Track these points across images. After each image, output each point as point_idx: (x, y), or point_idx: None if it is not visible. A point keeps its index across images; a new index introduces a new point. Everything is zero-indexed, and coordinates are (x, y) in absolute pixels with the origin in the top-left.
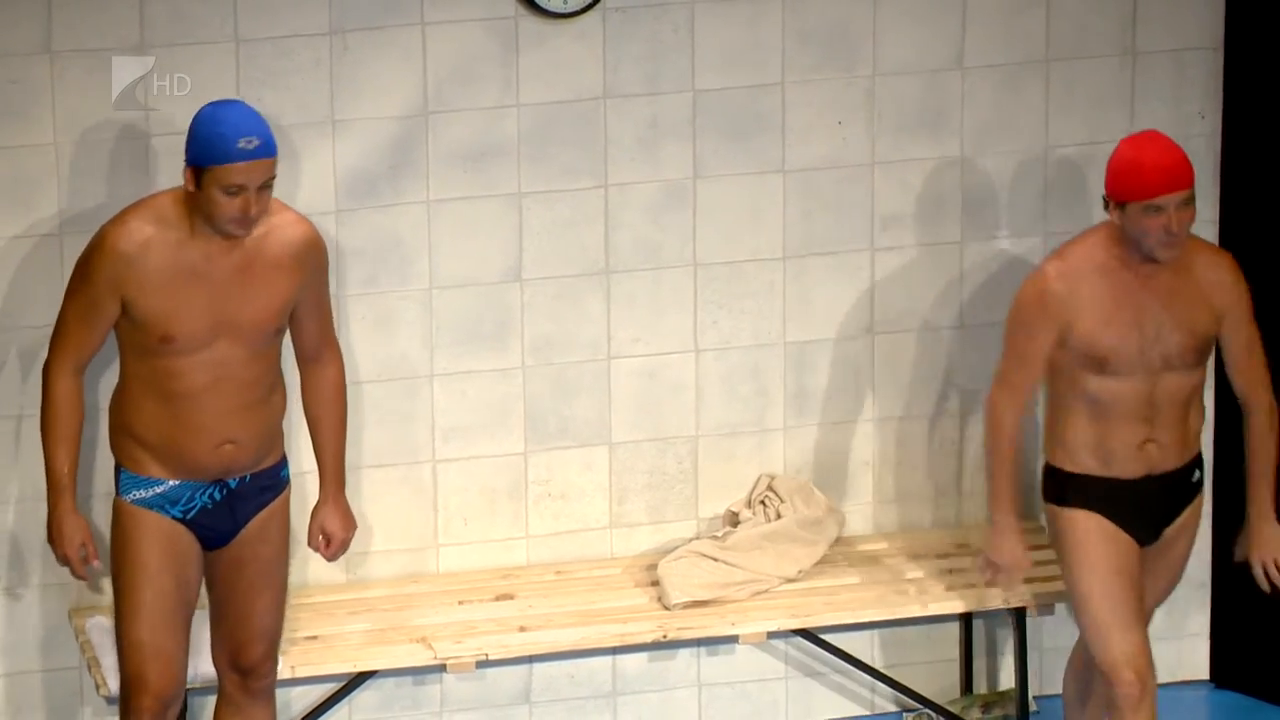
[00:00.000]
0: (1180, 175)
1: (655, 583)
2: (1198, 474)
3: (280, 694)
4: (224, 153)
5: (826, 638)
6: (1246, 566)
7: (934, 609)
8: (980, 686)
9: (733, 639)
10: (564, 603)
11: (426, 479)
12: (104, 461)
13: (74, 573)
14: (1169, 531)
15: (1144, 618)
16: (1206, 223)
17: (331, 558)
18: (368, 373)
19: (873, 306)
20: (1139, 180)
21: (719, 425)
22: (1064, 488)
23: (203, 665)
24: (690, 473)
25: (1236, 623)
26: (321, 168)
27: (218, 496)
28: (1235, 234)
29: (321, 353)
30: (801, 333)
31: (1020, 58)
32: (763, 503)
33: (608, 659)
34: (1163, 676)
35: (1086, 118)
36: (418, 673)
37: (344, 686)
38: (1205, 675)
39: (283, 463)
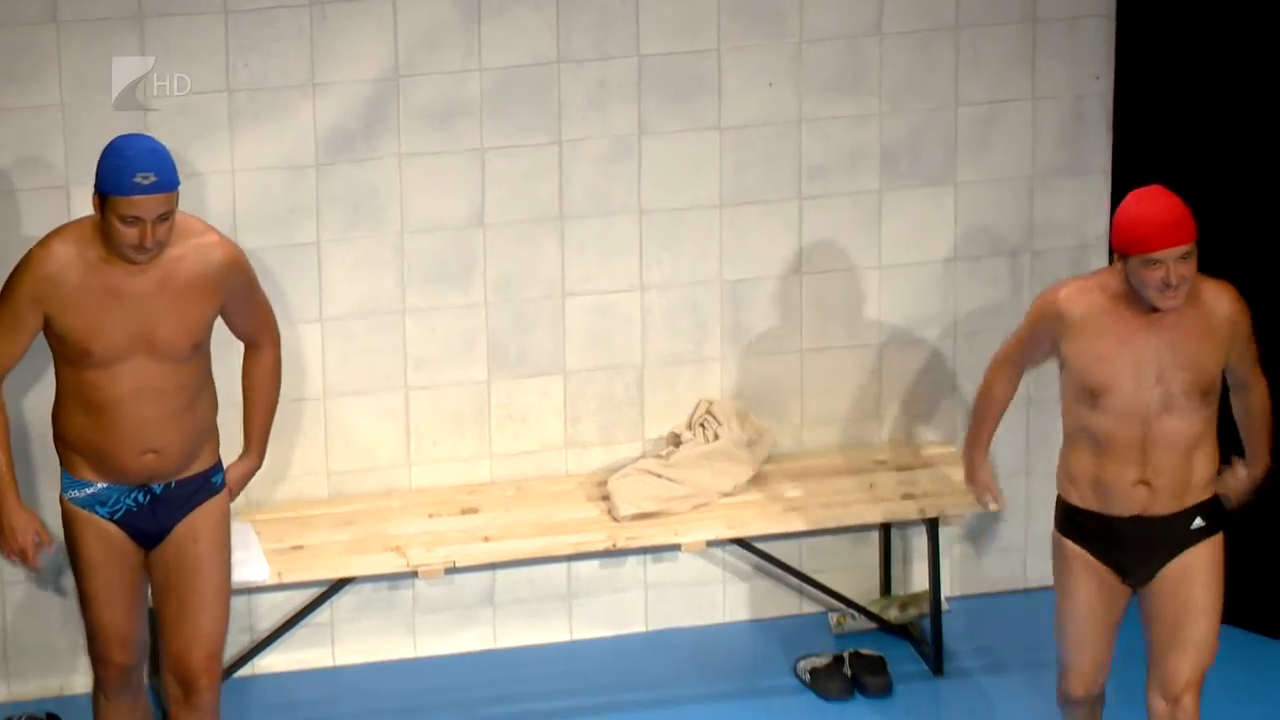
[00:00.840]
0: (1178, 232)
1: (606, 497)
2: (1199, 521)
3: (267, 599)
4: (120, 185)
5: (760, 546)
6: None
7: (856, 519)
8: (898, 588)
9: (675, 547)
10: (524, 515)
11: (399, 404)
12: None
13: (28, 566)
14: (1169, 572)
15: (1107, 643)
16: (1098, 172)
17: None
18: (346, 309)
19: (800, 249)
20: (1138, 235)
21: (662, 355)
22: (1065, 519)
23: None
24: (637, 398)
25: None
26: (303, 126)
27: (142, 500)
28: (1124, 182)
29: (258, 340)
30: (736, 273)
31: (932, 25)
32: (702, 425)
33: (563, 566)
34: None
35: (991, 79)
36: (392, 579)
37: (325, 591)
38: None
39: (214, 469)
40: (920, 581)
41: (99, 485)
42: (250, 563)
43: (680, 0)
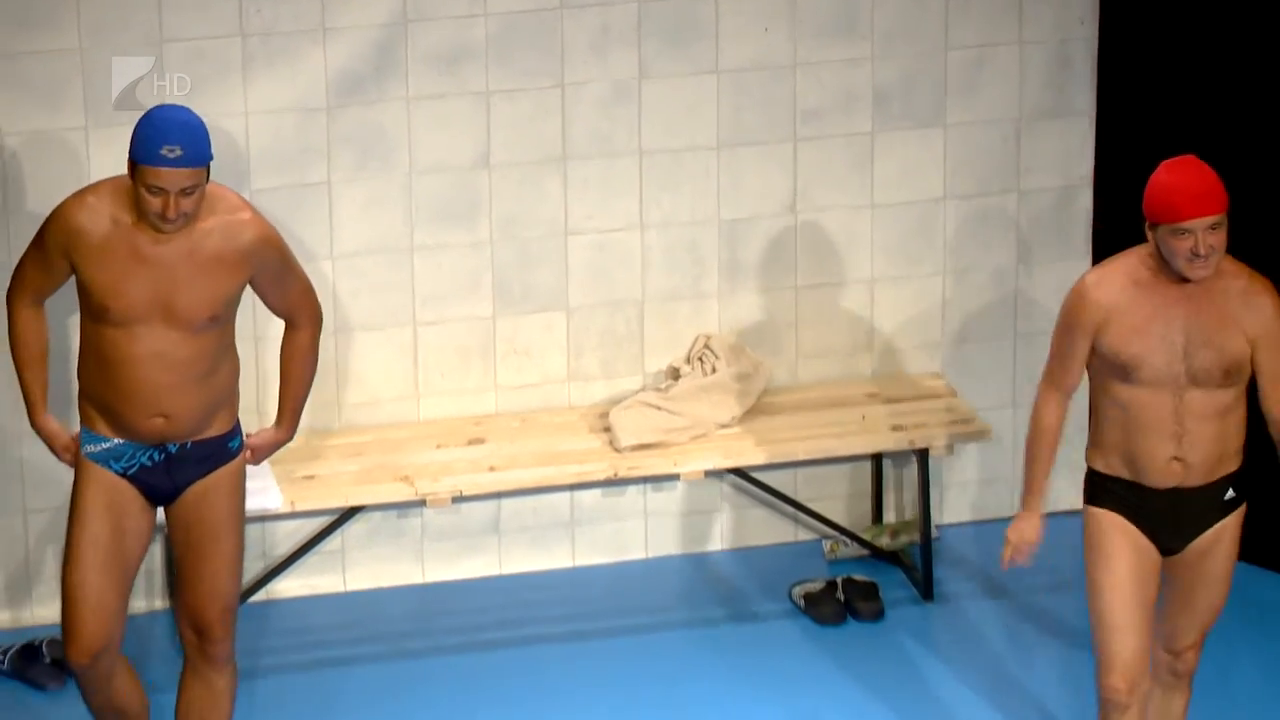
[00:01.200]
0: (1208, 201)
1: (607, 428)
2: (1231, 492)
3: (280, 526)
4: (147, 155)
5: (756, 475)
6: None
7: (848, 450)
8: (889, 517)
9: (674, 477)
10: (528, 446)
11: (408, 339)
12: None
13: (61, 456)
14: (1198, 544)
15: (1148, 624)
16: (1082, 114)
17: (252, 462)
18: (356, 247)
19: (795, 189)
20: (1168, 204)
21: (662, 292)
22: (1096, 488)
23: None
24: (637, 333)
25: None
26: (314, 70)
27: (157, 458)
28: (1108, 124)
29: (294, 318)
30: (733, 212)
31: None
32: (700, 359)
33: (566, 495)
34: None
35: (980, 23)
36: (401, 507)
37: (337, 520)
38: (1083, 506)
39: (232, 434)
40: (910, 510)
41: (115, 441)
42: (265, 492)
43: None
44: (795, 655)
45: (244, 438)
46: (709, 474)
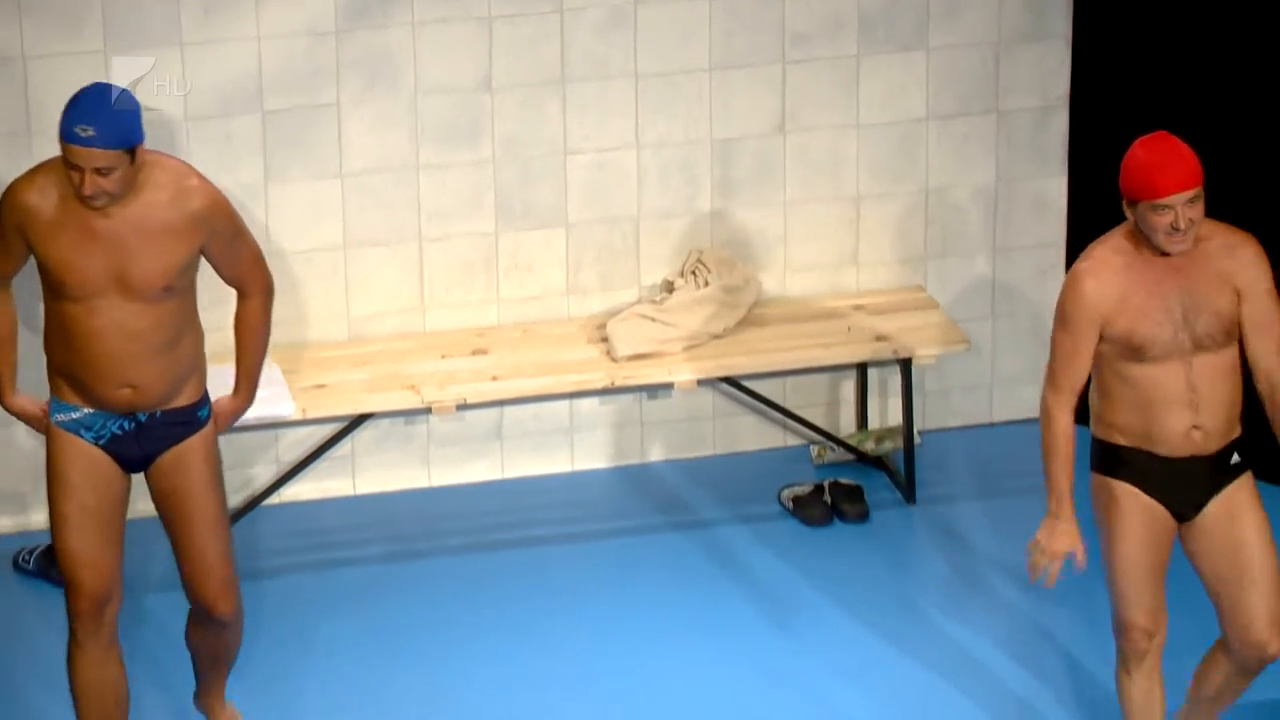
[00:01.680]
0: (1185, 176)
1: (604, 339)
2: (1235, 457)
3: (292, 433)
4: (64, 131)
5: (747, 384)
6: None
7: (834, 359)
8: (874, 423)
9: (668, 385)
10: (529, 356)
11: (414, 254)
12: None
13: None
14: (1213, 511)
15: (1161, 585)
16: (1059, 37)
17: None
18: (366, 165)
19: (784, 110)
20: (1146, 181)
21: (657, 208)
22: (1108, 458)
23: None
24: (633, 248)
25: None
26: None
27: (128, 426)
28: (1084, 46)
29: (244, 286)
30: (724, 132)
31: None
32: (693, 273)
33: (565, 402)
34: (1019, 414)
35: None
36: (408, 414)
37: (346, 426)
38: None
39: (201, 403)
40: (894, 416)
41: (85, 410)
42: (277, 399)
43: None
44: (784, 555)
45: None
46: (702, 382)
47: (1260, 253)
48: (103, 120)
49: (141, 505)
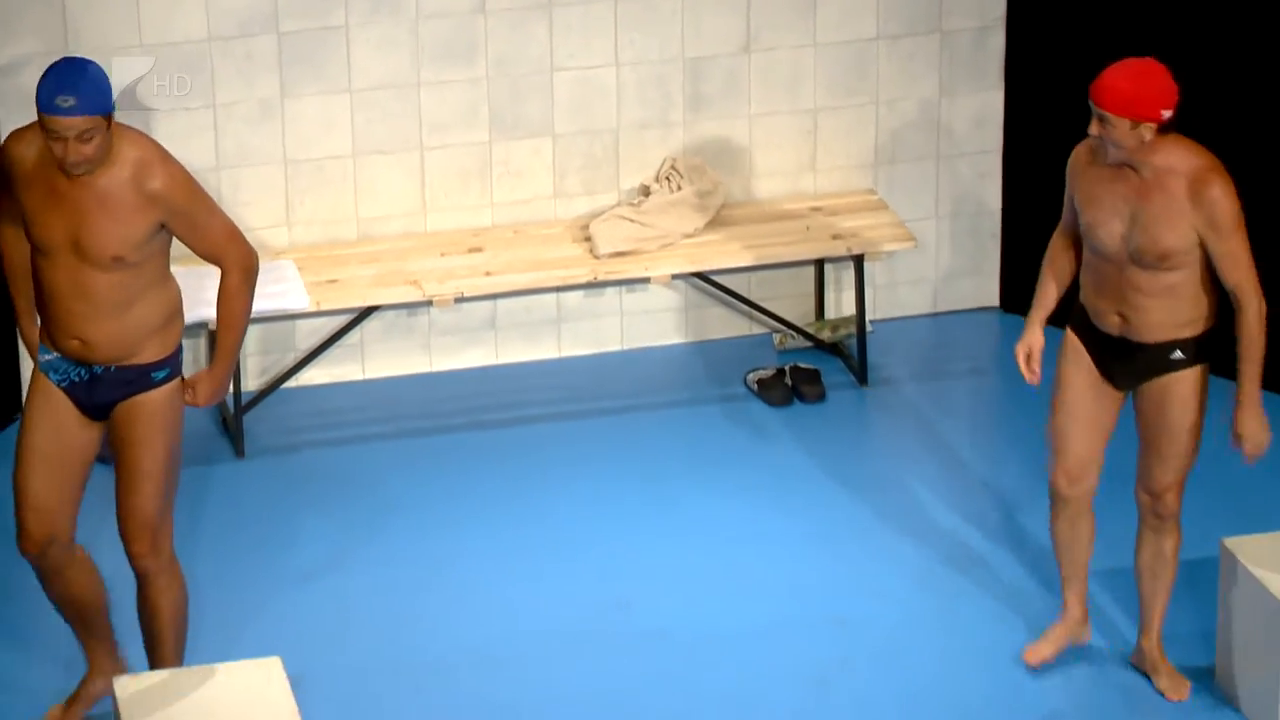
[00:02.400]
0: (1103, 95)
1: (588, 239)
2: (1178, 354)
3: (306, 324)
4: (45, 103)
5: (715, 278)
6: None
7: (794, 256)
8: (830, 313)
9: (645, 280)
10: (520, 254)
11: (416, 162)
12: None
13: None
14: (1150, 394)
15: (1094, 437)
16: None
17: (195, 403)
18: (372, 82)
19: (748, 31)
20: (1093, 84)
21: (634, 120)
22: (1076, 314)
23: None
24: (613, 156)
25: (1023, 256)
26: None
27: (84, 375)
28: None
29: (219, 262)
30: (695, 51)
31: None
32: (667, 178)
33: (553, 296)
34: (960, 304)
35: None
36: (411, 307)
37: (355, 318)
38: (996, 303)
39: (159, 365)
40: (848, 307)
41: (54, 354)
42: (292, 294)
43: None
44: (750, 432)
45: (181, 375)
46: (675, 277)
47: (1225, 190)
48: (82, 89)
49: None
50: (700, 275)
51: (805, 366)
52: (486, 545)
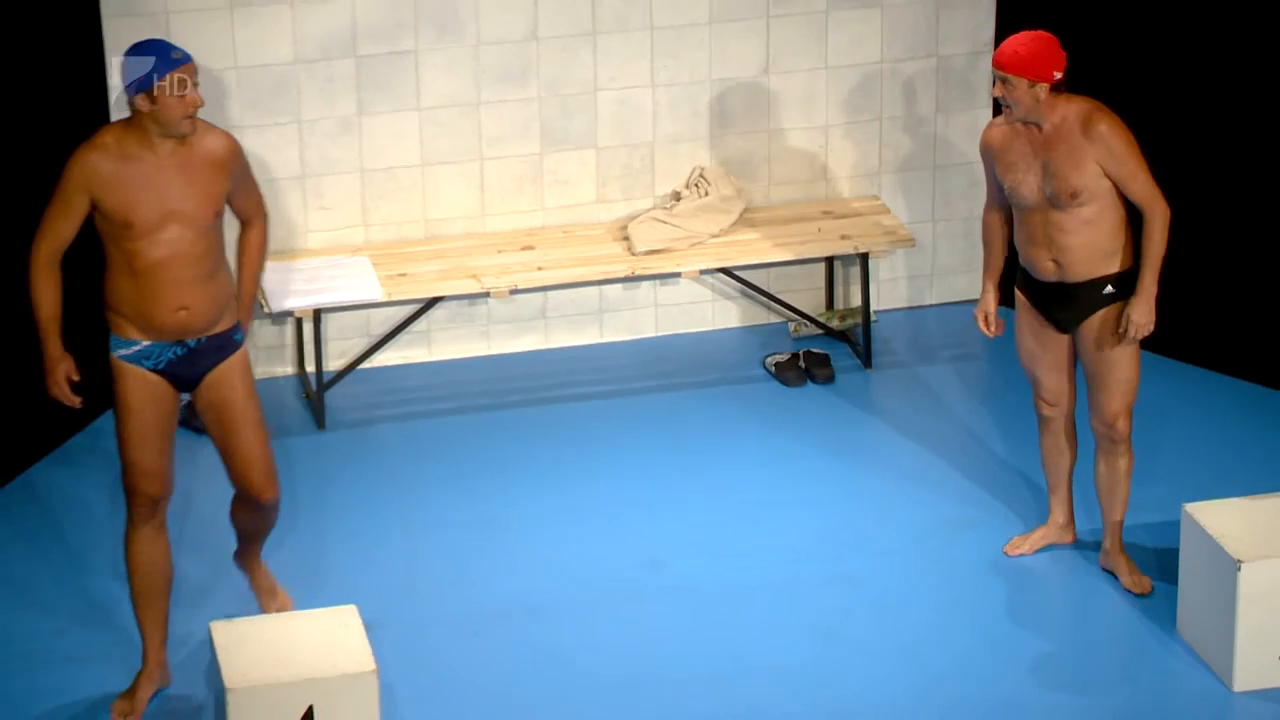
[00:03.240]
0: (1004, 59)
1: (626, 238)
2: (1110, 289)
3: (380, 312)
4: (168, 64)
5: (739, 274)
6: None
7: (808, 254)
8: (839, 304)
9: (676, 275)
10: (567, 251)
11: (476, 171)
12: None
13: (64, 402)
14: (1089, 331)
15: (1059, 367)
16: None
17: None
18: (438, 100)
19: (768, 56)
20: (994, 55)
21: (667, 135)
22: (1020, 276)
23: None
24: (649, 166)
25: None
26: None
27: (180, 352)
28: (1008, 4)
29: (252, 218)
30: (721, 73)
31: None
32: (696, 185)
33: (596, 289)
34: (954, 297)
35: None
36: (471, 298)
37: (423, 307)
38: None
39: (235, 329)
40: (855, 299)
41: (144, 343)
42: (367, 286)
43: None
44: (768, 409)
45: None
46: (703, 272)
47: (1112, 122)
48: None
49: None
50: (725, 271)
51: (817, 351)
52: (536, 508)
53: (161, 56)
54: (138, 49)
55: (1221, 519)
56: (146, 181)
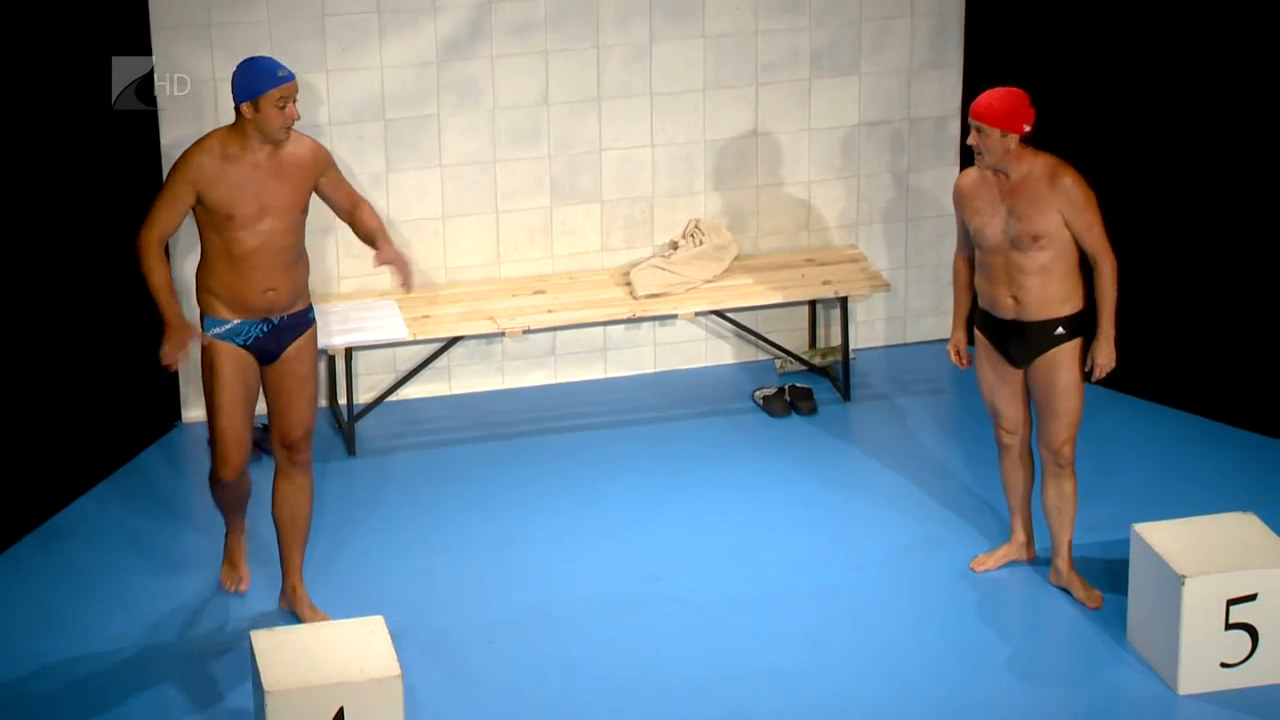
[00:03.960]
0: (980, 111)
1: (628, 283)
2: (1060, 329)
3: (405, 350)
4: (272, 80)
5: (730, 315)
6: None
7: (793, 297)
8: (821, 343)
9: (674, 316)
10: (575, 295)
11: (492, 222)
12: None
13: (173, 363)
14: (1040, 365)
15: (1015, 400)
16: (953, 67)
17: (406, 284)
18: (458, 159)
19: (756, 119)
20: (971, 106)
21: (665, 189)
22: (979, 317)
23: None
24: (649, 218)
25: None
26: (428, 35)
27: (266, 330)
28: (973, 75)
29: (355, 207)
30: (714, 135)
31: None
32: (691, 235)
33: (600, 329)
34: (925, 337)
35: (883, 5)
36: (488, 337)
37: (444, 345)
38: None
39: (309, 309)
40: (835, 338)
41: (235, 320)
42: (394, 327)
43: None
44: (757, 438)
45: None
46: (698, 314)
47: (1075, 178)
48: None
49: None
50: (717, 312)
51: (801, 386)
52: (547, 527)
53: (269, 74)
54: (249, 63)
55: (1167, 538)
56: (246, 180)
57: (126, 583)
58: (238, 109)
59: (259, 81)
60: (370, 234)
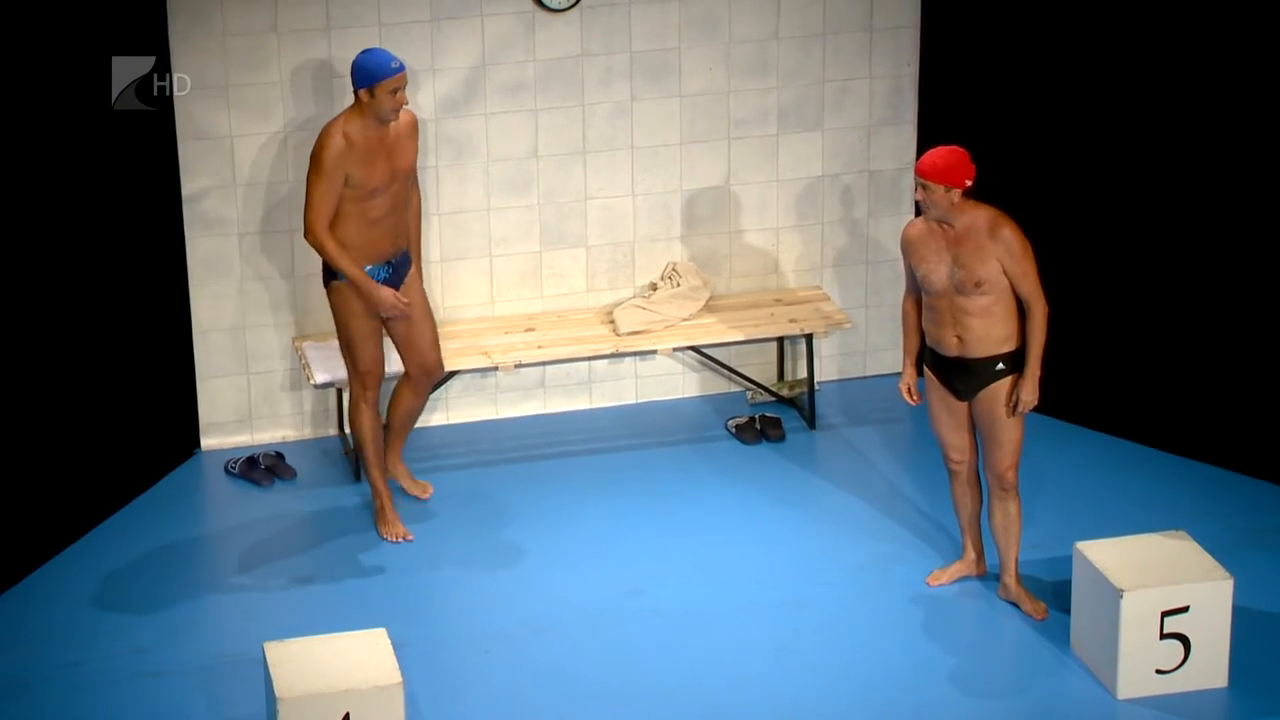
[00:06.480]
0: (925, 168)
1: (612, 321)
2: (1001, 365)
3: None
4: (387, 71)
5: (705, 351)
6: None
7: (762, 334)
8: (788, 376)
9: (653, 352)
10: (562, 332)
11: (486, 265)
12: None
13: (399, 312)
14: (983, 397)
15: (963, 430)
16: (909, 123)
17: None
18: (454, 207)
19: (729, 170)
20: (916, 165)
21: (645, 235)
22: (928, 355)
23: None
24: (630, 261)
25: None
26: (427, 94)
27: (389, 271)
28: (926, 131)
29: (411, 192)
30: (690, 185)
31: (809, 33)
32: (669, 277)
33: (586, 364)
34: (884, 370)
35: (844, 65)
36: (482, 371)
37: (443, 378)
38: None
39: (408, 256)
40: (801, 371)
41: (367, 267)
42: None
43: (655, 18)
44: (729, 463)
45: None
46: (676, 350)
47: (1013, 229)
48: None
49: None
50: (693, 348)
51: (770, 415)
52: (537, 545)
53: (384, 65)
54: (367, 55)
55: (1107, 554)
56: (374, 155)
57: (149, 600)
58: (356, 95)
59: (376, 71)
60: (411, 228)
